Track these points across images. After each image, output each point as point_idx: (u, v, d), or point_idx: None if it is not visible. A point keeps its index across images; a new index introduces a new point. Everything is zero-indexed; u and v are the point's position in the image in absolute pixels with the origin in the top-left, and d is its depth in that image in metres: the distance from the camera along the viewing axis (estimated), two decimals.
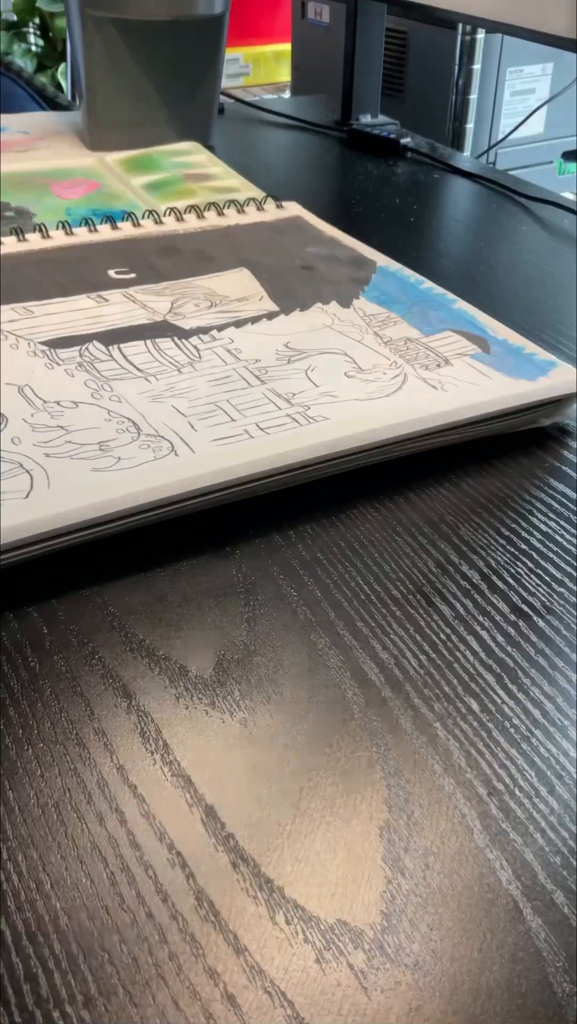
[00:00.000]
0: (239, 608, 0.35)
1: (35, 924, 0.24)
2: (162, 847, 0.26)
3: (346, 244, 0.59)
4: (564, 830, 0.27)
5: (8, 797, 0.28)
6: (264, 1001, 0.23)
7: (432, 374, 0.44)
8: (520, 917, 0.25)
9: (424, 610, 0.35)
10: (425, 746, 0.30)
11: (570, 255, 0.67)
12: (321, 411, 0.41)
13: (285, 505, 0.39)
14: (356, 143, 0.89)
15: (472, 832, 0.27)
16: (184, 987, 0.23)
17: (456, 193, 0.80)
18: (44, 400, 0.41)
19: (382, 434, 0.40)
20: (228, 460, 0.37)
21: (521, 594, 0.36)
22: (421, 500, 0.41)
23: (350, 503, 0.40)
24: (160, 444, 0.38)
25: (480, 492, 0.41)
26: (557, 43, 0.67)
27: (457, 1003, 0.23)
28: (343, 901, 0.25)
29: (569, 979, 0.24)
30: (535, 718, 0.31)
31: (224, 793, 0.28)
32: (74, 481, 0.36)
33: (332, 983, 0.23)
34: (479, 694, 0.31)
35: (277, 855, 0.26)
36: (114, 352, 0.45)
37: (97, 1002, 0.23)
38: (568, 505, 0.40)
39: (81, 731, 0.30)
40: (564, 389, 0.44)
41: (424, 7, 0.78)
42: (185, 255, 0.57)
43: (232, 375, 0.44)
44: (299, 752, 0.29)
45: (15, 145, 0.79)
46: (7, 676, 0.31)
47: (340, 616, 0.34)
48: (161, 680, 0.31)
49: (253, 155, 0.86)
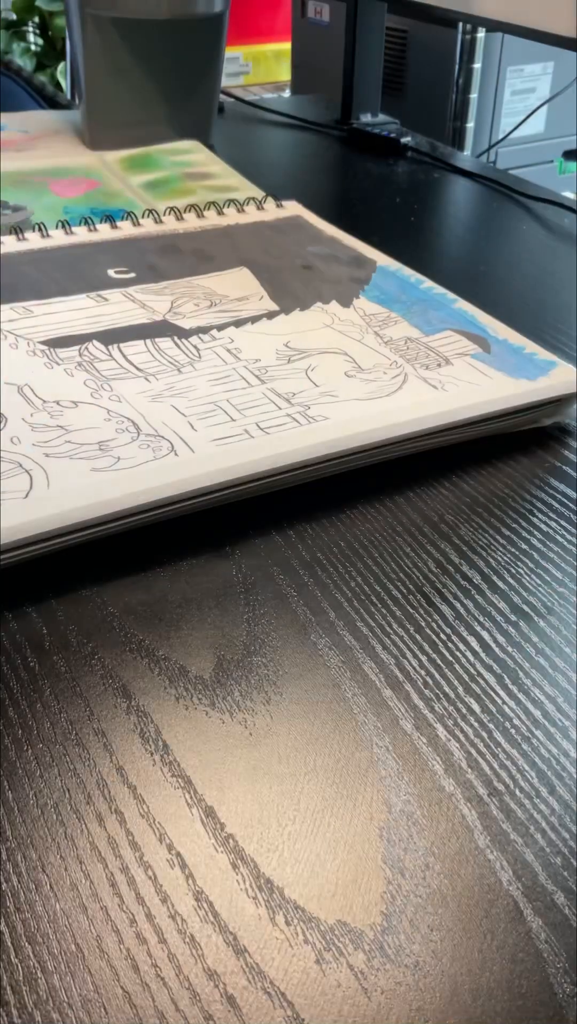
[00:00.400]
0: (239, 608, 0.34)
1: (34, 925, 0.24)
2: (161, 847, 0.26)
3: (346, 243, 0.59)
4: (565, 831, 0.27)
5: (7, 797, 0.27)
6: (264, 1002, 0.23)
7: (432, 374, 0.44)
8: (521, 918, 0.25)
9: (424, 610, 0.35)
10: (425, 746, 0.29)
11: (570, 255, 0.67)
12: (321, 411, 0.41)
13: (285, 505, 0.39)
14: (356, 142, 0.89)
15: (472, 833, 0.27)
16: (184, 988, 0.23)
17: (456, 192, 0.79)
18: (43, 400, 0.41)
19: (382, 434, 0.40)
20: (228, 460, 0.37)
21: (521, 594, 0.36)
22: (421, 500, 0.41)
23: (350, 503, 0.40)
24: (160, 444, 0.38)
25: (480, 492, 0.41)
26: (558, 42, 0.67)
27: (457, 1004, 0.23)
28: (343, 902, 0.25)
29: (570, 980, 0.24)
30: (536, 718, 0.31)
31: (224, 793, 0.28)
32: (74, 481, 0.36)
33: (332, 984, 0.23)
34: (479, 694, 0.31)
35: (277, 855, 0.26)
36: (114, 352, 0.45)
37: (96, 1003, 0.23)
38: (569, 505, 0.40)
39: (81, 731, 0.30)
40: (565, 389, 0.44)
41: (424, 6, 0.78)
42: (185, 254, 0.57)
43: (232, 375, 0.44)
44: (299, 752, 0.29)
45: (14, 144, 0.79)
46: (7, 676, 0.31)
47: (340, 616, 0.34)
48: (161, 680, 0.31)
49: (253, 154, 0.86)
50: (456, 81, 1.53)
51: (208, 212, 0.62)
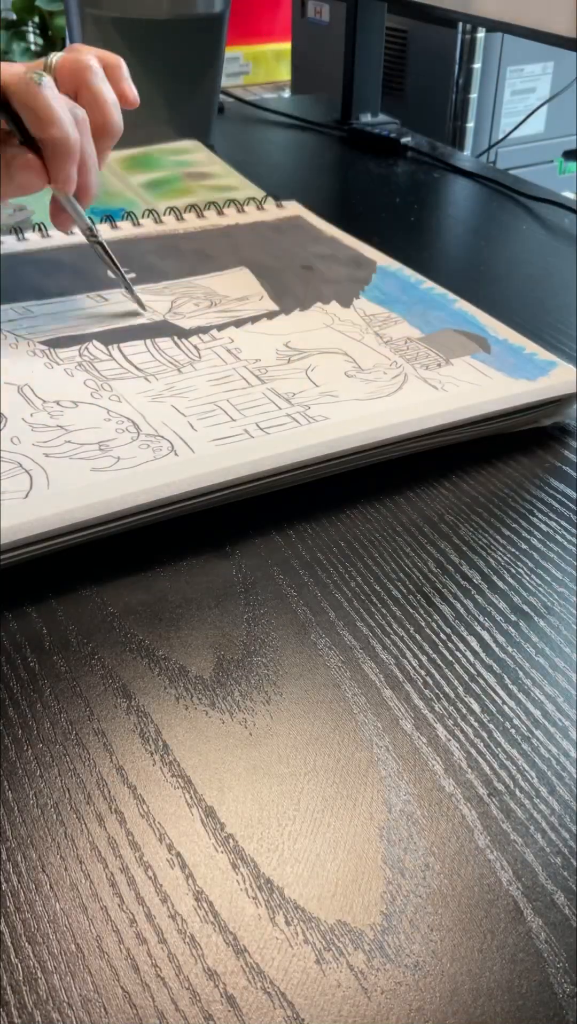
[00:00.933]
0: (239, 608, 0.34)
1: (34, 925, 0.24)
2: (161, 847, 0.26)
3: (346, 243, 0.59)
4: (565, 831, 0.27)
5: (7, 797, 0.27)
6: (264, 1002, 0.23)
7: (432, 374, 0.44)
8: (521, 918, 0.25)
9: (424, 610, 0.35)
10: (425, 746, 0.29)
11: (570, 254, 0.67)
12: (321, 411, 0.41)
13: (285, 505, 0.39)
14: (356, 142, 0.89)
15: (472, 833, 0.27)
16: (184, 988, 0.23)
17: (456, 192, 0.79)
18: (44, 400, 0.41)
19: (382, 434, 0.40)
20: (228, 460, 0.37)
21: (521, 594, 0.36)
22: (421, 500, 0.41)
23: (350, 503, 0.40)
24: (160, 444, 0.38)
25: (480, 492, 0.41)
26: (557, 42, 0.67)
27: (457, 1004, 0.23)
28: (343, 902, 0.25)
29: (569, 980, 0.24)
30: (536, 718, 0.31)
31: (224, 793, 0.28)
32: (74, 481, 0.36)
33: (332, 984, 0.23)
34: (479, 694, 0.31)
35: (277, 855, 0.26)
36: (114, 352, 0.45)
37: (96, 1003, 0.23)
38: (568, 505, 0.40)
39: (80, 731, 0.30)
40: (564, 389, 0.44)
41: (424, 6, 0.78)
42: (185, 254, 0.57)
43: (232, 375, 0.44)
44: (299, 752, 0.29)
45: None
46: (7, 676, 0.31)
47: (340, 616, 0.34)
48: (161, 680, 0.31)
49: (253, 154, 0.86)
50: (456, 81, 1.53)
51: (208, 212, 0.62)
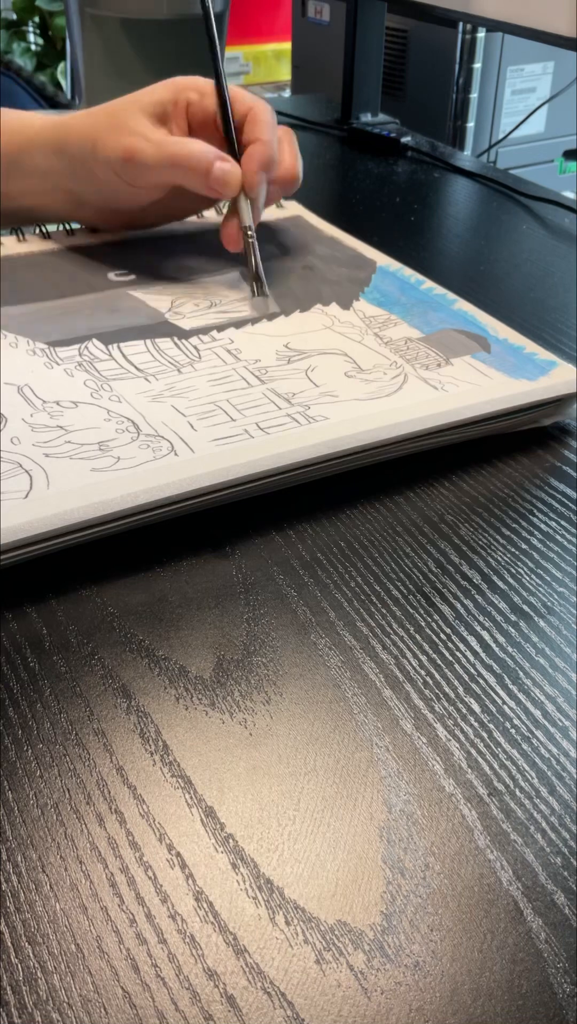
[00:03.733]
0: (239, 608, 0.34)
1: (35, 925, 0.24)
2: (161, 848, 0.26)
3: (346, 244, 0.59)
4: (565, 831, 0.27)
5: (7, 797, 0.27)
6: (264, 1002, 0.23)
7: (432, 374, 0.44)
8: (521, 918, 0.25)
9: (424, 610, 0.35)
10: (425, 746, 0.29)
11: (570, 254, 0.67)
12: (321, 411, 0.41)
13: (285, 505, 0.39)
14: (356, 142, 0.89)
15: (472, 833, 0.27)
16: (184, 988, 0.23)
17: (456, 192, 0.80)
18: (43, 400, 0.41)
19: (382, 434, 0.40)
20: (228, 460, 0.37)
21: (521, 594, 0.36)
22: (421, 500, 0.41)
23: (350, 503, 0.40)
24: (160, 444, 0.38)
25: (480, 492, 0.41)
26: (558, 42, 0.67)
27: (457, 1004, 0.23)
28: (343, 902, 0.25)
29: (570, 980, 0.24)
30: (536, 718, 0.31)
31: (224, 793, 0.28)
32: (74, 481, 0.36)
33: (332, 984, 0.23)
34: (480, 694, 0.31)
35: (277, 855, 0.26)
36: (114, 352, 0.45)
37: (96, 1003, 0.23)
38: (569, 505, 0.40)
39: (80, 732, 0.30)
40: (565, 389, 0.44)
41: (424, 6, 0.78)
42: (185, 255, 0.57)
43: (232, 375, 0.44)
44: (299, 752, 0.29)
45: None
46: (7, 676, 0.31)
47: (340, 616, 0.34)
48: (161, 680, 0.31)
49: None
50: (456, 81, 1.53)
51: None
